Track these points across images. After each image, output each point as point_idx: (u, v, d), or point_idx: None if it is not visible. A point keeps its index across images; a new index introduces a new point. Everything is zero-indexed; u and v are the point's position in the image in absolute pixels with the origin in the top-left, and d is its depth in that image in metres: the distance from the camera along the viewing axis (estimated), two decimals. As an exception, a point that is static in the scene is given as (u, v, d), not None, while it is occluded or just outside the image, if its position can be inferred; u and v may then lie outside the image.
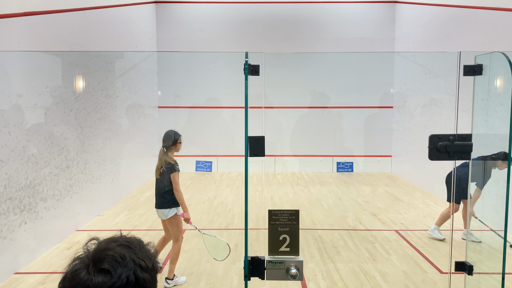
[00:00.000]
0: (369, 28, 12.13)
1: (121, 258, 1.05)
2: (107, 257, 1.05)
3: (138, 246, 1.12)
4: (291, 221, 2.22)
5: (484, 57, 2.19)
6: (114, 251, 1.07)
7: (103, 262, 1.04)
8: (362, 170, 12.19)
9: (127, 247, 1.10)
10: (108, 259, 1.05)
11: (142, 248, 1.13)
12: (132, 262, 1.06)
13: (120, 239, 1.13)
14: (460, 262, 2.38)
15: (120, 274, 1.03)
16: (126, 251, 1.08)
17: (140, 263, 1.06)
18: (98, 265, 1.04)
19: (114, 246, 1.08)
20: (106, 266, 1.04)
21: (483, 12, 7.53)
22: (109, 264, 1.04)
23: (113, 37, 8.82)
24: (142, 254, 1.10)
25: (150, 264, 1.10)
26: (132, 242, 1.12)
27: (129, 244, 1.11)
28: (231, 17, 12.14)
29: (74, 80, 7.04)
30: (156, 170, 4.89)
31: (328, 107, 12.21)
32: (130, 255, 1.07)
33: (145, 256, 1.10)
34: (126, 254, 1.07)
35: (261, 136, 2.18)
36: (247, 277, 2.15)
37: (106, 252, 1.07)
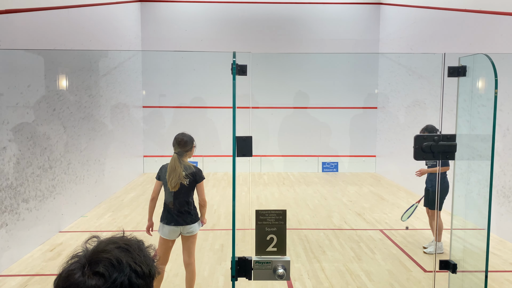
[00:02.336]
0: (354, 29, 12.23)
1: (118, 262, 1.03)
2: (104, 260, 1.03)
3: (137, 249, 1.10)
4: (278, 221, 2.22)
5: (468, 59, 2.23)
6: (112, 254, 1.05)
7: (99, 265, 1.03)
8: (347, 170, 12.29)
9: (125, 250, 1.07)
10: (104, 262, 1.03)
11: (141, 252, 1.10)
12: (128, 267, 1.04)
13: (120, 241, 1.10)
14: (444, 261, 2.42)
15: (115, 279, 1.01)
16: (124, 255, 1.05)
17: (136, 269, 1.04)
18: (93, 268, 1.03)
19: (112, 248, 1.06)
20: (101, 269, 1.02)
21: (466, 14, 7.67)
22: (105, 268, 1.02)
23: (97, 36, 8.71)
24: (140, 258, 1.08)
25: (147, 270, 1.07)
26: (132, 245, 1.10)
27: (128, 247, 1.09)
28: (217, 17, 12.11)
29: (57, 79, 6.93)
30: (173, 182, 4.16)
31: (313, 107, 12.27)
32: (127, 260, 1.05)
33: (143, 261, 1.08)
34: (123, 258, 1.05)
35: (249, 136, 2.18)
36: (234, 278, 2.15)
37: (103, 255, 1.05)
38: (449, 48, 8.21)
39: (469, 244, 2.59)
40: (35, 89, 6.14)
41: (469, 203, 2.79)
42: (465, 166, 2.71)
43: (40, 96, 6.27)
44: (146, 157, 12.12)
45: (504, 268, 5.40)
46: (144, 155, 12.11)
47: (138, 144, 11.75)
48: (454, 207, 2.55)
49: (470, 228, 2.47)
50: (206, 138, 12.21)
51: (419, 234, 6.73)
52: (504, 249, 6.07)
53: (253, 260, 2.19)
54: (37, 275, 5.09)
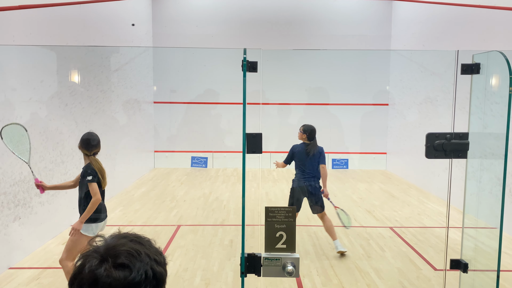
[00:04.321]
0: (366, 26, 12.13)
1: (137, 253, 1.05)
2: (123, 252, 1.04)
3: (147, 241, 1.13)
4: (287, 218, 2.22)
5: (482, 56, 2.20)
6: (127, 246, 1.06)
7: (120, 257, 1.03)
8: (357, 167, 12.23)
9: (138, 243, 1.09)
10: (125, 254, 1.04)
11: (150, 244, 1.13)
12: (147, 257, 1.06)
13: (129, 235, 1.12)
14: (455, 260, 2.40)
15: (139, 269, 1.02)
16: (139, 247, 1.07)
17: (155, 258, 1.07)
18: (115, 260, 1.03)
19: (125, 242, 1.08)
20: (124, 261, 1.03)
21: (479, 10, 7.55)
22: (127, 259, 1.03)
23: (109, 32, 8.76)
24: (152, 249, 1.10)
25: (162, 258, 1.10)
26: (142, 238, 1.12)
27: (139, 239, 1.11)
28: (227, 13, 12.10)
29: (69, 75, 6.99)
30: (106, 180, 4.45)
31: (324, 104, 12.22)
32: (144, 250, 1.07)
33: (156, 251, 1.11)
34: (140, 249, 1.06)
35: (259, 133, 2.18)
36: (243, 274, 2.16)
37: (119, 248, 1.05)
38: (462, 45, 8.11)
39: (481, 243, 2.57)
40: (47, 84, 6.20)
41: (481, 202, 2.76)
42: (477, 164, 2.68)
43: (52, 91, 6.34)
44: (156, 153, 12.20)
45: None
46: (155, 151, 12.18)
47: (149, 139, 11.82)
48: (466, 206, 2.53)
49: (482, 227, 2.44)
50: (216, 134, 12.25)
51: (429, 232, 6.68)
52: (516, 249, 6.00)
53: (263, 257, 2.19)
54: (49, 268, 5.17)
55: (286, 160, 6.12)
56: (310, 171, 5.81)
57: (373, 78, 12.12)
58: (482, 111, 2.33)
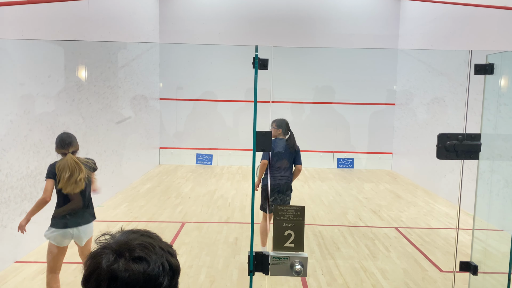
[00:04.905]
0: (374, 25, 12.07)
1: (151, 246, 1.04)
2: (137, 246, 1.03)
3: (157, 236, 1.12)
4: (296, 217, 2.21)
5: (496, 56, 2.17)
6: (140, 240, 1.05)
7: (136, 251, 1.02)
8: (363, 167, 12.18)
9: (148, 237, 1.09)
10: (140, 247, 1.03)
11: (159, 238, 1.13)
12: (162, 250, 1.05)
13: (139, 231, 1.12)
14: (465, 262, 2.37)
15: (156, 261, 1.02)
16: (151, 240, 1.07)
17: (168, 250, 1.07)
18: (132, 254, 1.02)
19: (137, 236, 1.07)
20: (140, 254, 1.02)
21: (489, 10, 7.48)
22: (143, 252, 1.02)
23: (116, 28, 8.77)
24: (163, 243, 1.10)
25: (173, 251, 1.10)
26: (151, 233, 1.12)
27: (149, 234, 1.11)
28: (234, 10, 12.08)
29: (76, 70, 7.00)
30: (79, 182, 4.05)
31: (330, 102, 12.18)
32: (156, 243, 1.06)
33: (167, 244, 1.11)
34: (152, 242, 1.06)
35: (268, 131, 2.16)
36: (252, 272, 2.15)
37: (132, 242, 1.04)
38: (471, 45, 8.04)
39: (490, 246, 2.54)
40: (55, 79, 6.22)
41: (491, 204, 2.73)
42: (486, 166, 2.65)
43: (60, 86, 6.35)
44: (162, 149, 12.22)
45: (522, 271, 5.29)
46: (161, 147, 12.20)
47: (155, 136, 11.84)
48: (476, 208, 2.50)
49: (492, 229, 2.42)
50: (221, 131, 12.25)
51: (435, 233, 6.64)
52: (523, 251, 5.95)
53: (270, 256, 2.18)
54: (54, 262, 5.18)
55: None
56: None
57: (380, 77, 12.06)
58: (495, 112, 2.31)
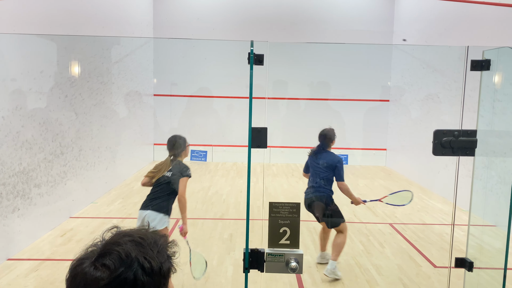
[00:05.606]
0: (369, 21, 12.06)
1: (126, 256, 1.02)
2: (113, 252, 1.02)
3: (152, 244, 1.07)
4: (291, 213, 2.20)
5: (492, 52, 2.16)
6: (123, 247, 1.03)
7: (107, 257, 1.02)
8: (357, 163, 12.21)
9: (139, 244, 1.05)
10: (113, 255, 1.02)
11: (155, 247, 1.07)
12: (137, 262, 1.01)
13: (136, 234, 1.08)
14: (460, 258, 2.37)
15: (120, 274, 0.99)
16: (135, 249, 1.03)
17: (144, 265, 1.02)
18: (102, 259, 1.02)
19: (125, 241, 1.05)
20: (108, 262, 1.01)
21: (483, 7, 7.49)
22: (112, 261, 1.01)
23: (110, 23, 8.69)
24: (151, 254, 1.05)
25: (157, 266, 1.04)
26: (147, 239, 1.07)
27: (142, 241, 1.06)
28: (229, 6, 12.01)
29: (69, 66, 6.93)
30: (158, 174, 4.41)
31: (326, 99, 12.18)
32: (137, 254, 1.02)
33: (154, 257, 1.05)
34: (133, 252, 1.02)
35: (264, 128, 2.15)
36: (247, 269, 2.13)
37: (114, 247, 1.03)
38: (465, 41, 8.05)
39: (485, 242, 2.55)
40: (47, 75, 6.15)
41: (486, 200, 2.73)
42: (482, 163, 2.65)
43: (52, 82, 6.29)
44: (156, 145, 12.16)
45: (515, 266, 5.33)
46: (155, 143, 12.14)
47: (149, 132, 11.78)
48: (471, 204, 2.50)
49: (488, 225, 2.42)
50: (216, 127, 12.21)
51: (429, 229, 6.67)
52: (516, 247, 5.99)
53: (266, 253, 2.17)
54: (48, 259, 5.15)
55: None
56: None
57: (375, 74, 12.06)
58: (492, 108, 2.30)
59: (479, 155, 2.41)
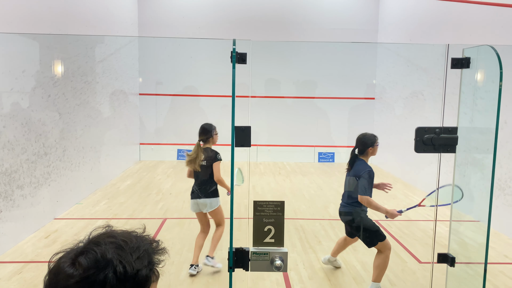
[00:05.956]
0: (354, 19, 12.13)
1: (102, 257, 1.00)
2: (91, 252, 1.02)
3: (133, 248, 1.05)
4: (276, 212, 2.20)
5: (472, 50, 2.19)
6: (102, 248, 1.02)
7: (83, 256, 1.01)
8: (343, 161, 12.28)
9: (119, 246, 1.04)
10: (90, 255, 1.01)
11: (136, 252, 1.04)
12: (111, 265, 1.00)
13: (120, 236, 1.07)
14: (442, 254, 2.41)
15: (91, 274, 0.98)
16: (114, 251, 1.02)
17: (117, 268, 1.00)
18: (78, 257, 1.01)
19: (106, 242, 1.04)
20: (82, 260, 1.00)
21: (466, 5, 7.60)
22: (86, 260, 1.00)
23: (93, 21, 8.58)
24: (129, 258, 1.02)
25: (132, 271, 1.01)
26: (130, 243, 1.06)
27: (124, 244, 1.05)
28: (215, 4, 11.97)
29: (52, 65, 6.83)
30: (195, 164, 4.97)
31: (311, 97, 12.22)
32: (113, 256, 1.01)
33: (131, 262, 1.02)
34: (109, 254, 1.01)
35: (247, 126, 2.14)
36: (231, 269, 2.13)
37: (93, 246, 1.03)
38: (448, 39, 8.16)
39: (467, 237, 2.59)
40: (30, 74, 6.05)
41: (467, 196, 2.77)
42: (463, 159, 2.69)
43: (35, 81, 6.19)
44: (142, 145, 12.07)
45: (498, 260, 5.43)
46: (141, 143, 12.06)
47: (134, 131, 11.68)
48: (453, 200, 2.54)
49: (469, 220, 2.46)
50: (202, 126, 12.15)
51: (414, 225, 6.75)
52: (498, 242, 6.10)
53: (251, 251, 2.17)
54: (31, 262, 5.07)
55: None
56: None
57: (360, 72, 12.15)
58: (472, 105, 2.34)
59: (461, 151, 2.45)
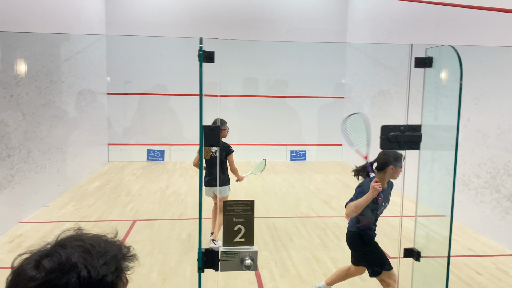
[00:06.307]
0: (323, 19, 12.27)
1: (66, 261, 0.98)
2: (56, 255, 0.99)
3: (101, 253, 1.02)
4: (246, 211, 2.20)
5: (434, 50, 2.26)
6: (68, 251, 1.00)
7: (47, 258, 0.98)
8: (314, 159, 12.43)
9: (86, 250, 1.01)
10: (54, 258, 0.98)
11: (103, 257, 1.02)
12: (75, 269, 0.97)
13: (89, 240, 1.05)
14: (408, 249, 2.47)
15: (54, 278, 0.95)
16: (79, 255, 0.99)
17: (81, 273, 0.97)
18: (42, 259, 0.98)
19: (73, 246, 1.02)
20: (46, 263, 0.97)
21: (431, 6, 7.82)
22: (50, 263, 0.97)
23: (59, 19, 8.34)
24: (95, 263, 1.00)
25: (97, 276, 0.99)
26: (98, 247, 1.03)
27: (91, 248, 1.02)
28: (185, 2, 11.85)
29: (15, 64, 6.60)
30: (206, 153, 5.51)
31: (282, 96, 12.29)
32: (78, 260, 0.98)
33: (97, 266, 1.00)
34: (75, 257, 0.99)
35: (216, 126, 2.13)
36: (201, 269, 2.11)
37: (59, 249, 1.00)
38: (414, 39, 8.38)
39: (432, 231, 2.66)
40: (-10, 73, 5.83)
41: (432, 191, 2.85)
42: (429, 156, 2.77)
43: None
44: (111, 145, 11.83)
45: (463, 253, 5.62)
46: (109, 143, 11.81)
47: (102, 132, 11.43)
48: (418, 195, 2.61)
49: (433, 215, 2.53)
50: (173, 126, 12.03)
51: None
52: (463, 235, 6.32)
53: (220, 251, 2.16)
54: (-5, 268, 4.89)
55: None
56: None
57: (330, 71, 12.31)
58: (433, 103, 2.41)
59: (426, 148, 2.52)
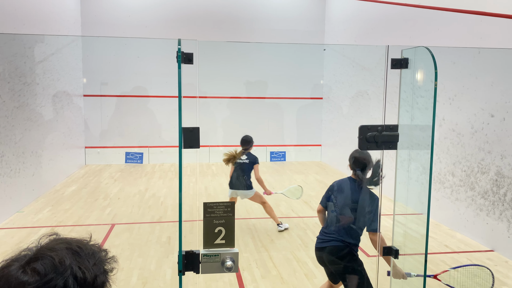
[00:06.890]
0: (301, 20, 12.36)
1: (60, 263, 0.97)
2: (47, 257, 0.97)
3: (89, 255, 1.03)
4: (226, 213, 2.19)
5: (410, 51, 2.30)
6: (58, 253, 0.98)
7: (39, 262, 0.96)
8: (293, 159, 12.50)
9: (75, 252, 1.01)
10: (46, 260, 0.96)
11: (92, 258, 1.03)
12: (70, 271, 0.97)
13: (74, 243, 1.04)
14: (387, 247, 2.51)
15: (49, 280, 0.94)
16: (70, 257, 0.99)
17: (76, 274, 0.97)
18: (32, 263, 0.96)
19: (61, 248, 1.00)
20: (38, 267, 0.95)
21: (406, 8, 7.97)
22: (43, 266, 0.95)
23: (32, 19, 8.15)
24: (86, 264, 1.00)
25: (90, 277, 1.00)
26: (85, 249, 1.03)
27: (79, 250, 1.02)
28: (162, 3, 11.75)
29: (-14, 65, 6.41)
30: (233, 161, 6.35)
31: (262, 97, 12.32)
32: (71, 262, 0.98)
33: (90, 267, 1.00)
34: (67, 259, 0.98)
35: (196, 127, 2.11)
36: (181, 272, 2.10)
37: (48, 252, 0.98)
38: (391, 40, 8.52)
39: (409, 229, 2.71)
40: (-39, 75, 5.65)
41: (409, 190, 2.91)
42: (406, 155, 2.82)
43: (-33, 83, 5.78)
44: (88, 148, 11.62)
45: (439, 250, 5.74)
46: (86, 146, 11.60)
47: (79, 134, 11.22)
48: (396, 194, 2.65)
49: (410, 213, 2.58)
50: (151, 128, 11.91)
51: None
52: (439, 232, 6.45)
53: (201, 254, 2.15)
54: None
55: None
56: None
57: (308, 72, 12.41)
58: (409, 104, 2.45)
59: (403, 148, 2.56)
